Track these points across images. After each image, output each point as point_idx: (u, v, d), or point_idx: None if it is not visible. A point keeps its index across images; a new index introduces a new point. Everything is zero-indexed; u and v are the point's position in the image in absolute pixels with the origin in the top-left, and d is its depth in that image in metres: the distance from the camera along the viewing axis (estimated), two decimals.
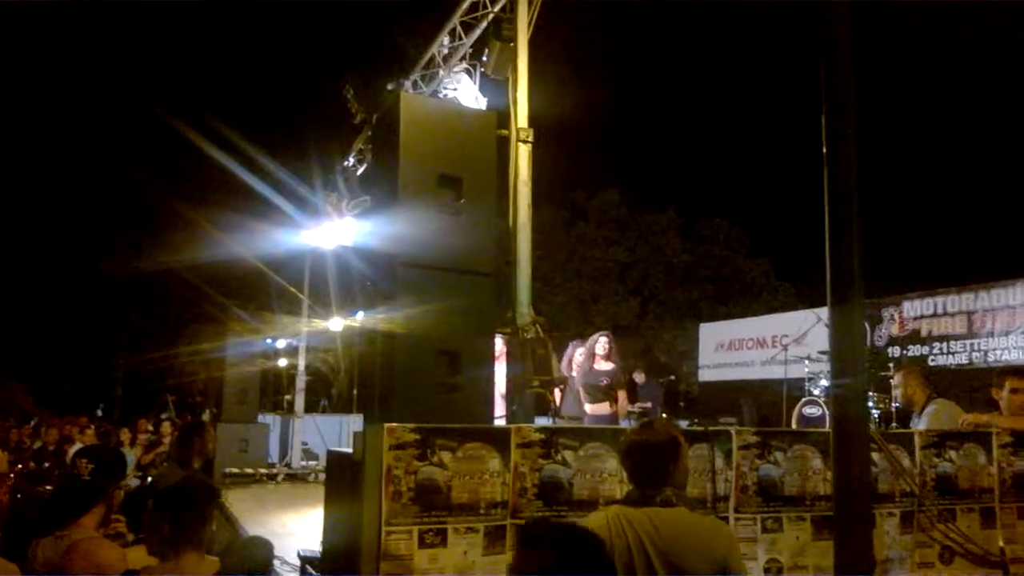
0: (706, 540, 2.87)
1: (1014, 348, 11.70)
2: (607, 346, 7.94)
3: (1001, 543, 4.92)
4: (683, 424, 4.56)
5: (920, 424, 5.75)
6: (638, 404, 9.89)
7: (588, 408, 7.78)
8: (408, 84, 9.61)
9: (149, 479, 9.25)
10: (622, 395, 7.87)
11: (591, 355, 7.92)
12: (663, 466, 2.98)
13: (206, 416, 15.82)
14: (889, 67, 21.53)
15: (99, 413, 22.77)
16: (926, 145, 27.74)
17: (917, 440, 4.89)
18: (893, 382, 6.77)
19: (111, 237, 27.21)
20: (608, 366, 7.91)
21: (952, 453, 4.93)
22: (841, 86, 3.29)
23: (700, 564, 2.77)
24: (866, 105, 3.55)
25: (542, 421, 6.03)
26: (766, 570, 4.33)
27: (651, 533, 2.80)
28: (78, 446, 8.73)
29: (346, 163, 11.61)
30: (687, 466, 3.19)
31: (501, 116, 5.03)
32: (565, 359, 8.04)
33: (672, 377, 17.01)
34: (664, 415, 13.04)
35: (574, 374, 7.94)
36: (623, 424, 7.35)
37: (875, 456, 4.54)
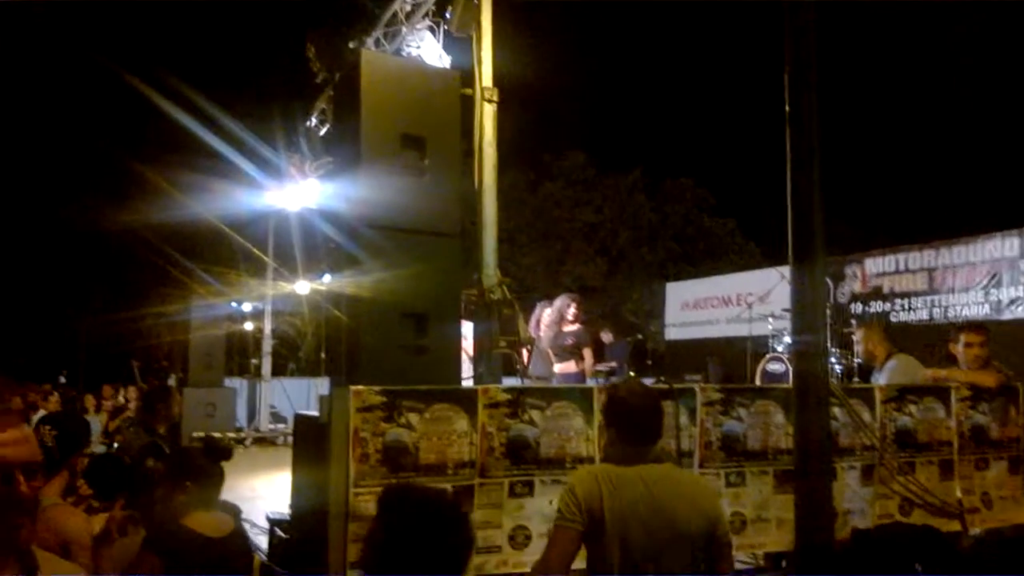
0: (697, 496, 2.90)
1: (974, 304, 11.92)
2: (576, 312, 7.97)
3: (959, 494, 5.06)
4: (649, 382, 4.60)
5: (881, 379, 5.86)
6: (604, 363, 9.95)
7: (556, 368, 7.83)
8: (370, 42, 9.44)
9: (115, 445, 9.18)
10: (588, 353, 7.90)
11: (560, 320, 7.94)
12: (654, 425, 3.00)
13: (172, 381, 15.70)
14: (852, 27, 21.58)
15: (62, 380, 22.51)
16: (890, 104, 27.97)
17: (877, 395, 4.99)
18: (854, 338, 6.90)
19: (71, 199, 26.67)
20: (574, 327, 7.95)
21: (912, 407, 5.04)
22: (804, 45, 3.30)
23: (693, 519, 2.80)
24: (829, 63, 3.56)
25: (510, 382, 6.06)
26: (730, 523, 4.42)
27: (644, 491, 2.80)
28: (43, 413, 8.63)
29: (309, 123, 11.43)
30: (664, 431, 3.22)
31: (465, 75, 4.97)
32: (532, 320, 8.05)
33: (639, 336, 17.16)
34: (631, 373, 13.18)
35: (541, 335, 7.97)
36: (590, 383, 7.40)
37: (836, 411, 4.63)
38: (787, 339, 10.69)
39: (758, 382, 10.41)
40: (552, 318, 7.96)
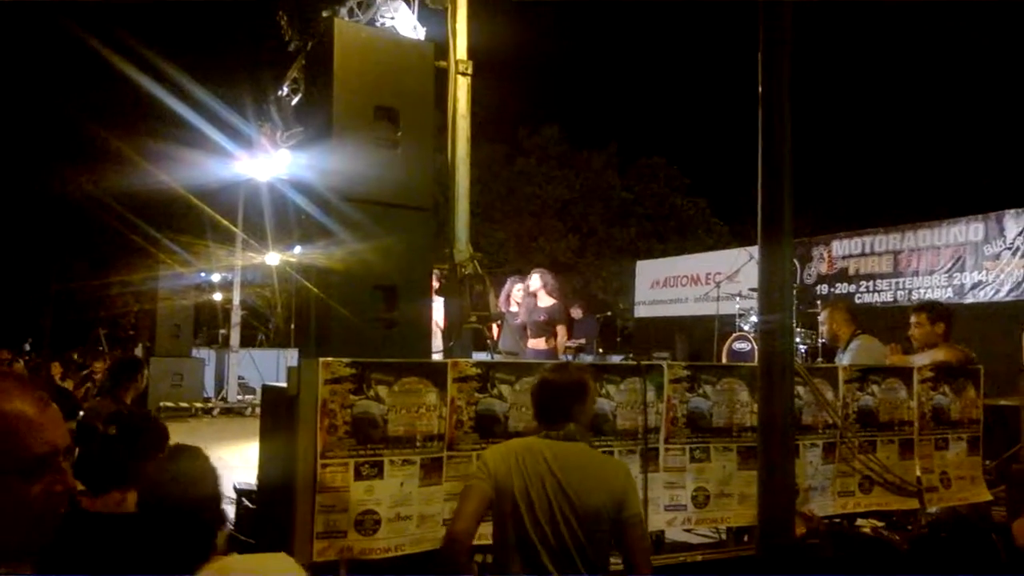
0: (604, 476, 2.97)
1: (937, 287, 12.12)
2: (541, 281, 7.98)
3: (918, 473, 5.16)
4: (617, 359, 4.64)
5: (844, 359, 5.95)
6: (573, 340, 10.00)
7: (529, 343, 7.86)
8: (344, 11, 9.31)
9: (80, 413, 9.09)
10: (561, 330, 7.93)
11: (529, 292, 7.97)
12: (568, 405, 3.07)
13: (139, 350, 15.55)
14: (824, 11, 21.65)
15: (27, 347, 22.22)
16: (860, 89, 28.16)
17: (841, 374, 5.07)
18: (820, 318, 6.99)
19: (37, 166, 26.12)
20: (548, 302, 7.97)
21: (874, 387, 5.14)
22: (777, 28, 3.31)
23: (598, 495, 2.87)
24: (802, 47, 3.58)
25: (480, 356, 6.07)
26: (693, 498, 4.49)
27: (551, 464, 2.90)
28: None
29: (280, 92, 11.28)
30: (592, 409, 3.30)
31: (439, 47, 4.93)
32: (503, 295, 8.07)
33: (608, 313, 17.24)
34: (600, 350, 13.26)
35: (513, 310, 7.99)
36: (562, 359, 7.44)
37: (800, 389, 4.70)
38: (753, 318, 10.80)
39: (724, 360, 10.52)
40: (524, 293, 7.98)
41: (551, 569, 2.81)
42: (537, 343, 7.84)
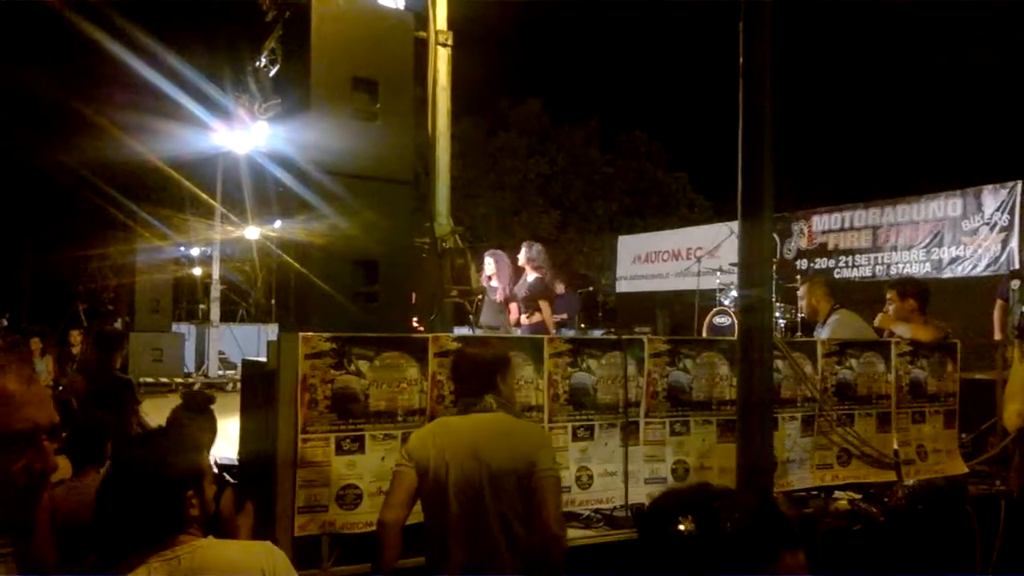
0: (516, 439, 3.05)
1: (915, 262, 12.22)
2: (526, 256, 7.95)
3: (895, 446, 5.22)
4: (598, 334, 4.65)
5: (823, 333, 5.99)
6: (555, 315, 10.01)
7: (521, 319, 7.85)
8: None
9: (60, 387, 9.03)
10: (544, 306, 7.89)
11: (512, 270, 7.95)
12: (486, 378, 3.15)
13: (118, 324, 15.42)
14: None
15: (5, 323, 21.96)
16: (841, 63, 28.18)
17: (819, 348, 5.11)
18: (799, 293, 7.02)
19: (10, 137, 25.72)
20: (531, 277, 7.94)
21: (852, 361, 5.18)
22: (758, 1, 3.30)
23: (508, 460, 2.95)
24: (782, 21, 3.57)
25: (461, 331, 6.06)
26: (673, 471, 4.53)
27: (464, 437, 3.00)
28: None
29: (258, 63, 11.10)
30: (513, 383, 3.41)
31: (419, 18, 4.86)
32: (484, 270, 8.04)
33: (590, 288, 17.30)
34: (582, 325, 13.30)
35: (493, 284, 7.97)
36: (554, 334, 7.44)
37: (779, 363, 4.73)
38: (733, 293, 10.86)
39: (705, 335, 10.58)
40: (503, 269, 7.95)
41: (469, 541, 2.91)
42: (525, 318, 7.81)
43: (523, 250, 8.10)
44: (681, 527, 1.33)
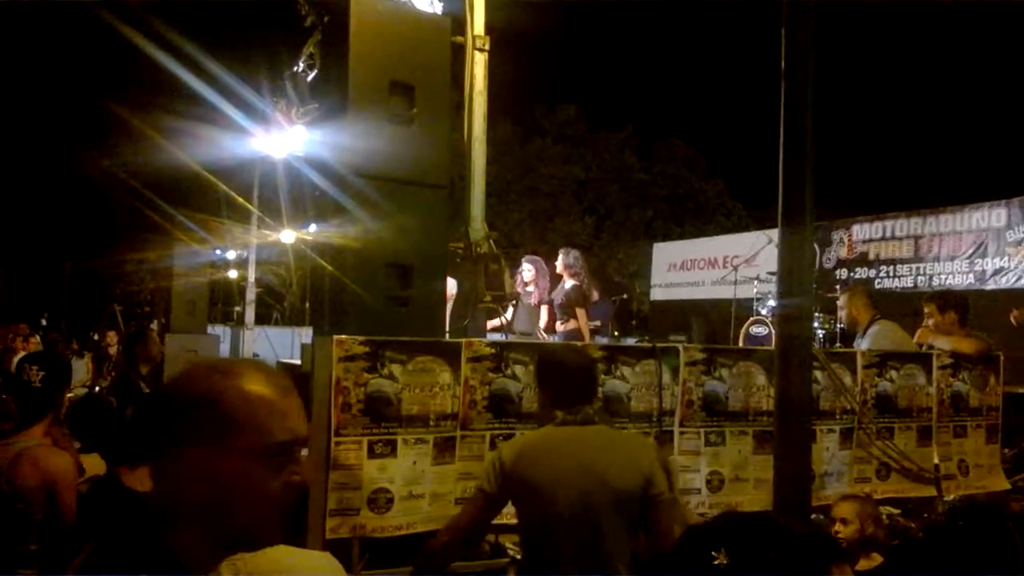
0: (630, 452, 2.92)
1: (959, 273, 11.98)
2: (563, 263, 7.91)
3: (936, 460, 5.10)
4: (632, 341, 4.60)
5: (863, 344, 5.88)
6: (589, 322, 9.94)
7: (557, 326, 7.81)
8: None
9: (96, 388, 9.18)
10: (580, 313, 7.83)
11: (540, 277, 7.91)
12: (587, 386, 3.03)
13: (154, 326, 15.63)
14: None
15: (44, 323, 22.36)
16: (885, 68, 27.81)
17: (859, 359, 5.01)
18: (839, 303, 6.91)
19: (54, 143, 26.24)
20: (568, 284, 7.90)
21: (893, 373, 5.07)
22: (801, 6, 3.24)
23: (626, 475, 2.80)
24: (824, 27, 3.51)
25: (494, 337, 6.05)
26: (708, 482, 4.45)
27: (573, 452, 2.83)
28: (22, 354, 8.58)
29: (296, 68, 11.19)
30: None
31: (457, 22, 4.86)
32: (518, 275, 8.02)
33: (624, 296, 17.18)
34: (615, 333, 13.21)
35: (529, 290, 7.94)
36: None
37: (818, 374, 4.64)
38: (771, 302, 10.72)
39: (741, 344, 10.46)
40: (541, 275, 7.91)
41: (577, 557, 2.74)
42: (560, 325, 7.77)
43: (560, 256, 8.06)
44: (716, 562, 1.28)
